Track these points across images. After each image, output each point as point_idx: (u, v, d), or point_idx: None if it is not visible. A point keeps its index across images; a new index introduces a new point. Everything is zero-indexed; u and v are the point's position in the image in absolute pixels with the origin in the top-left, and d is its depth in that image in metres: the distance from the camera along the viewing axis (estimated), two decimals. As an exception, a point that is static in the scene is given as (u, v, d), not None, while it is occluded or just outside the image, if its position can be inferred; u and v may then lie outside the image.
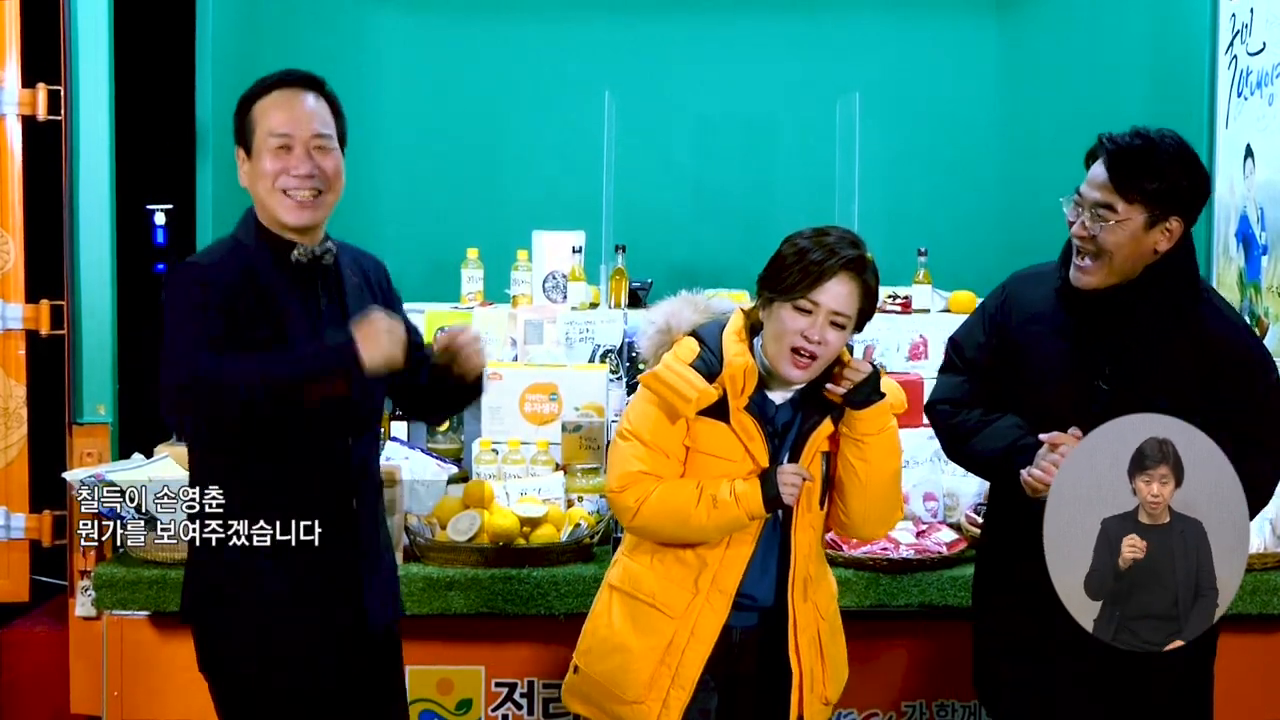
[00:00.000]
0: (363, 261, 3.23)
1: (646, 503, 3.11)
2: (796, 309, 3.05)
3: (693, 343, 3.16)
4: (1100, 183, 3.10)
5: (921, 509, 4.44)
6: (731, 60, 6.46)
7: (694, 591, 3.14)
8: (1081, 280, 3.16)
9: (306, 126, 3.02)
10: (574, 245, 5.24)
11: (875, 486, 3.18)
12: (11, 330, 4.71)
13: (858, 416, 3.12)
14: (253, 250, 3.06)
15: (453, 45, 6.42)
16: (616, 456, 3.19)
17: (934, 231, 5.89)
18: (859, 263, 3.08)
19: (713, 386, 3.09)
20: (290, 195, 3.01)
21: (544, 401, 4.75)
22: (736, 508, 3.06)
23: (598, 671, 3.21)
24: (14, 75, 4.68)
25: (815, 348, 3.05)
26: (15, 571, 4.77)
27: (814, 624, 3.23)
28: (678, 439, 3.13)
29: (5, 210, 4.68)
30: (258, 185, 3.04)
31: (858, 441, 3.14)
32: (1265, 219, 4.83)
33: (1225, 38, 5.15)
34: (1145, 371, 3.15)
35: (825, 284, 3.04)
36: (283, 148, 3.01)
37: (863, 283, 3.08)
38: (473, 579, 4.02)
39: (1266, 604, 4.02)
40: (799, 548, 3.18)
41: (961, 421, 3.34)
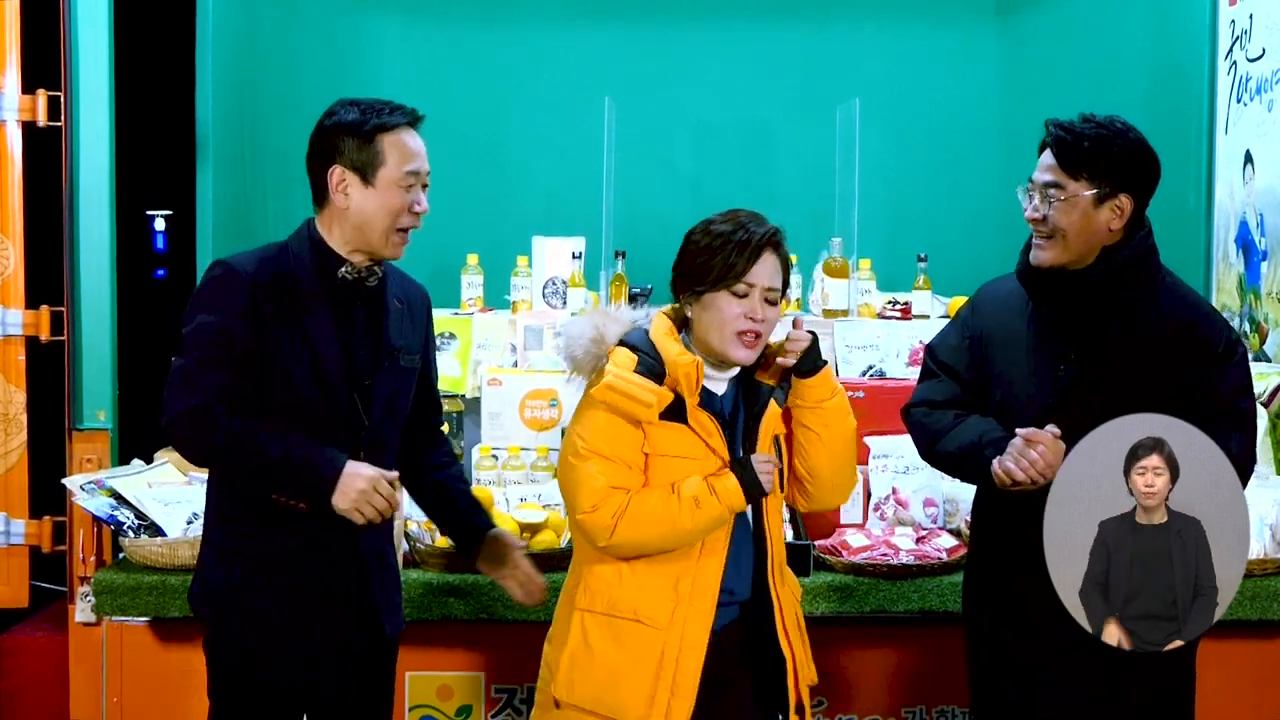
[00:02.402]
0: (409, 289, 3.34)
1: (624, 517, 3.03)
2: (733, 294, 3.10)
3: (627, 351, 3.12)
4: (1048, 165, 3.20)
5: (921, 515, 4.44)
6: (731, 66, 6.46)
7: (676, 598, 3.08)
8: (1038, 257, 3.23)
9: (427, 163, 3.22)
10: (574, 251, 5.24)
11: (839, 449, 3.22)
12: (11, 336, 4.71)
13: (809, 384, 3.16)
14: (299, 258, 3.16)
15: (453, 52, 6.42)
16: (578, 477, 3.09)
17: (934, 237, 5.89)
18: (775, 236, 3.18)
19: (664, 388, 3.07)
20: (403, 230, 3.17)
21: (544, 407, 4.75)
22: (719, 504, 3.04)
23: (587, 700, 3.10)
24: (14, 81, 4.68)
25: (759, 326, 3.11)
26: (15, 577, 4.77)
27: (793, 607, 3.25)
28: (637, 448, 3.09)
29: (5, 216, 4.68)
30: (377, 217, 3.14)
31: (814, 409, 3.18)
32: (1265, 225, 4.83)
33: (1225, 44, 5.16)
34: (1106, 353, 3.20)
35: (754, 264, 3.11)
36: (413, 186, 3.17)
37: (782, 255, 3.18)
38: (473, 585, 4.02)
39: (1266, 610, 4.01)
40: (773, 532, 3.20)
41: (934, 421, 3.37)
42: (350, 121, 3.15)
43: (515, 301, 5.24)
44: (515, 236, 5.46)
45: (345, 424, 3.13)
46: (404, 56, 6.38)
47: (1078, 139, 3.15)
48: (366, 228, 3.14)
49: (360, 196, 3.13)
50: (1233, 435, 3.17)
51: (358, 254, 3.17)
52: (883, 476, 4.51)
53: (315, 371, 3.09)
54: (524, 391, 4.76)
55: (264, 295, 3.08)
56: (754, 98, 6.47)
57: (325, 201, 3.17)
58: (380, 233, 3.14)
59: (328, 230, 3.18)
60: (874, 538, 4.25)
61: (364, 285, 3.19)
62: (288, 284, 3.11)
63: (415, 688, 4.10)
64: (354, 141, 3.13)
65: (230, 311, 3.06)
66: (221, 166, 5.28)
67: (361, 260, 3.18)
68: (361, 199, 3.13)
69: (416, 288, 3.38)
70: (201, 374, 3.04)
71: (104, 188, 4.67)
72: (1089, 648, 3.09)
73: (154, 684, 4.09)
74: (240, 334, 3.05)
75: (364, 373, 3.16)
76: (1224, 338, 3.24)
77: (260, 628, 3.16)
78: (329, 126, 3.17)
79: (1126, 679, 3.22)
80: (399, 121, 3.17)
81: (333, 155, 3.14)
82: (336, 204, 3.15)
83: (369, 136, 3.13)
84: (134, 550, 4.12)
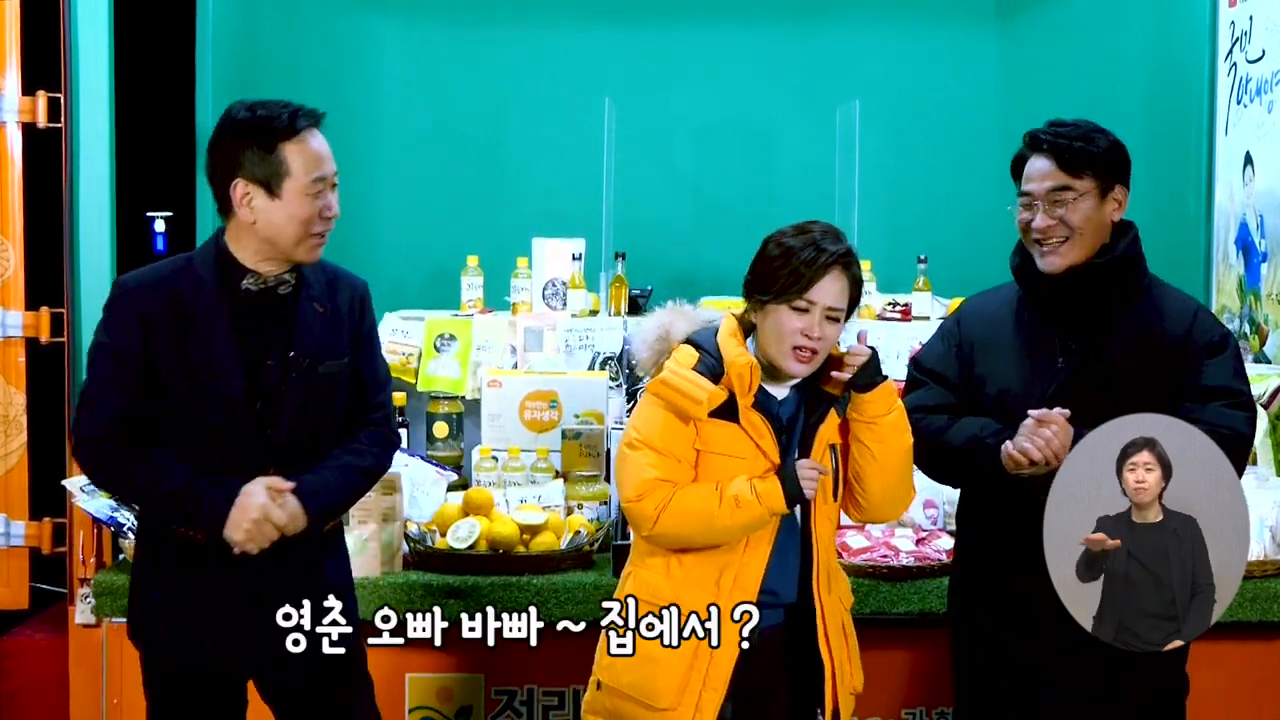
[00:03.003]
0: (336, 289, 3.21)
1: (666, 509, 3.12)
2: (793, 309, 3.12)
3: (690, 349, 3.19)
4: (1047, 171, 3.24)
5: (922, 517, 4.44)
6: (731, 67, 6.46)
7: (716, 592, 3.13)
8: (1055, 263, 3.24)
9: (332, 163, 3.09)
10: (574, 252, 5.24)
11: (892, 466, 3.22)
12: (11, 338, 4.72)
13: (866, 400, 3.16)
14: (201, 272, 3.09)
15: (452, 53, 6.42)
16: (629, 466, 3.18)
17: (934, 239, 5.89)
18: (846, 256, 3.15)
19: (719, 387, 3.12)
20: (316, 234, 3.08)
21: (544, 409, 4.75)
22: (759, 506, 3.08)
23: (624, 684, 3.18)
24: (14, 82, 4.69)
25: (815, 344, 3.12)
26: (15, 579, 4.77)
27: (839, 614, 3.26)
28: (688, 443, 3.16)
29: (5, 217, 4.69)
30: (286, 227, 3.05)
31: (869, 424, 3.18)
32: (1265, 226, 4.83)
33: (1225, 45, 5.15)
34: (1104, 345, 3.24)
35: (819, 283, 3.11)
36: (320, 192, 3.06)
37: (851, 276, 3.16)
38: (472, 586, 4.02)
39: (1266, 611, 4.01)
40: (820, 540, 3.21)
41: (929, 424, 3.36)
42: (248, 132, 3.04)
43: (515, 303, 5.24)
44: (515, 238, 5.46)
45: (251, 440, 3.08)
46: (404, 57, 6.38)
47: (1069, 140, 3.22)
48: (276, 239, 3.06)
49: (266, 209, 3.03)
50: (1236, 413, 3.21)
51: (270, 263, 3.09)
52: (883, 478, 4.51)
53: (213, 390, 3.04)
54: (524, 393, 4.76)
55: (158, 314, 3.04)
56: (754, 98, 6.47)
57: (230, 214, 3.09)
58: (291, 242, 3.06)
59: (235, 241, 3.10)
60: (874, 539, 4.25)
61: (274, 294, 3.11)
62: (184, 301, 3.06)
63: (415, 689, 4.10)
64: (254, 153, 3.03)
65: (123, 332, 3.05)
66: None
67: (272, 269, 3.10)
68: (268, 211, 3.04)
69: (348, 286, 3.25)
70: (102, 396, 3.06)
71: (104, 189, 4.67)
72: (1089, 648, 3.09)
73: (154, 685, 4.09)
74: (132, 355, 3.04)
75: (271, 386, 3.09)
76: (1217, 330, 3.30)
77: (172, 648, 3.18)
78: (226, 138, 3.07)
79: (1126, 679, 3.22)
80: (301, 126, 3.05)
81: (233, 169, 3.04)
82: (242, 217, 3.06)
83: (269, 147, 3.02)
84: (134, 552, 4.11)
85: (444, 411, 4.88)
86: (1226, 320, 4.96)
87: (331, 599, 2.98)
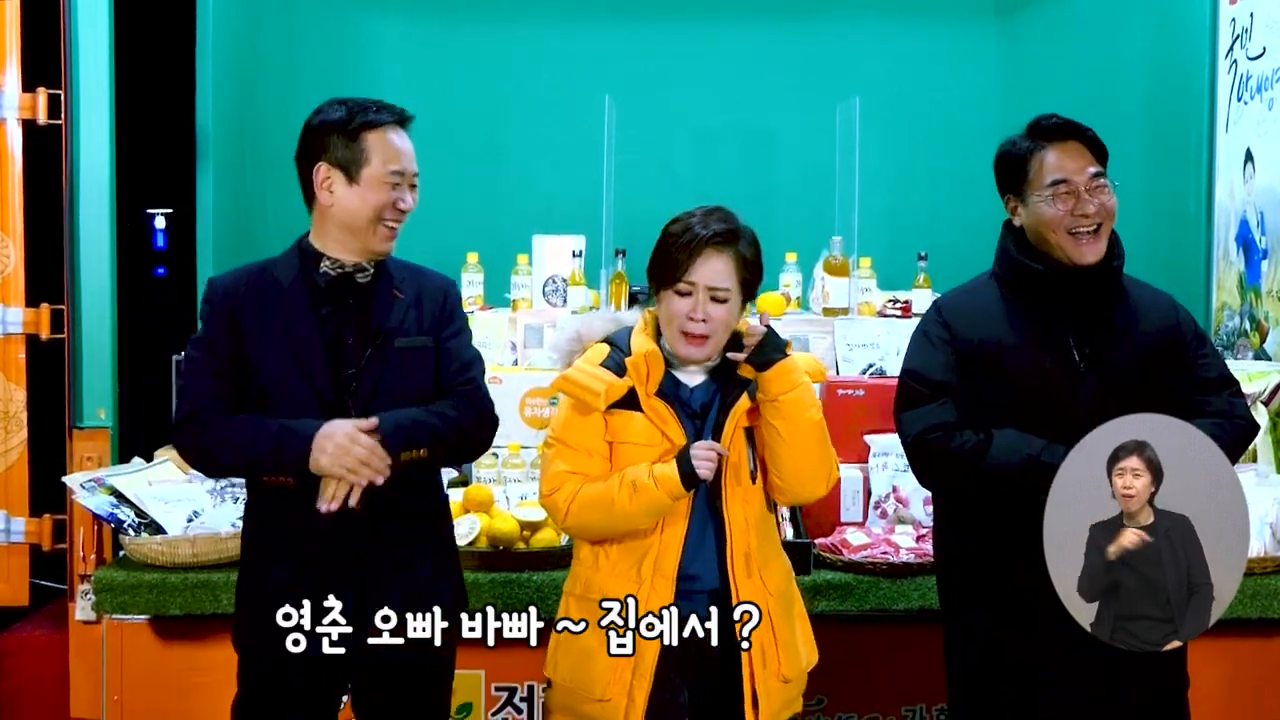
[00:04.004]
0: (420, 283, 3.33)
1: (575, 500, 3.20)
2: (677, 293, 3.21)
3: (603, 346, 3.30)
4: (1082, 159, 3.23)
5: (922, 513, 4.44)
6: (731, 65, 6.46)
7: (638, 581, 3.19)
8: (1099, 250, 3.23)
9: (414, 164, 3.25)
10: (574, 249, 5.24)
11: (800, 443, 3.22)
12: (12, 334, 4.71)
13: (767, 378, 3.18)
14: (284, 265, 3.25)
15: (453, 51, 6.42)
16: (544, 464, 3.30)
17: (934, 236, 5.88)
18: (724, 236, 3.21)
19: (623, 379, 3.20)
20: (388, 225, 3.21)
21: (544, 405, 4.75)
22: (656, 489, 3.12)
23: (566, 678, 3.26)
24: (14, 79, 4.69)
25: (701, 326, 3.18)
26: (15, 575, 4.77)
27: (761, 600, 3.22)
28: (597, 435, 3.23)
29: (6, 214, 4.69)
30: (359, 212, 3.19)
31: (772, 403, 3.19)
32: (1265, 223, 4.83)
33: (1225, 42, 5.16)
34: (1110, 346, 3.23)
35: (695, 263, 3.19)
36: (397, 184, 3.20)
37: (735, 253, 3.21)
38: (473, 583, 4.02)
39: (1266, 608, 4.01)
40: (733, 522, 3.23)
41: (962, 442, 3.25)
42: (336, 119, 3.20)
43: (515, 300, 5.25)
44: (515, 235, 5.46)
45: (333, 412, 3.14)
46: (404, 54, 6.39)
47: (1086, 128, 3.24)
48: (351, 224, 3.19)
49: (344, 193, 3.18)
50: (1241, 401, 3.27)
51: (348, 252, 3.22)
52: (883, 475, 4.51)
53: (297, 366, 3.15)
54: (524, 390, 4.76)
55: (243, 304, 3.20)
56: (754, 96, 6.47)
57: (313, 200, 3.23)
58: (364, 227, 3.19)
59: (316, 230, 3.25)
60: (874, 536, 4.25)
61: (352, 281, 3.22)
62: (268, 289, 3.21)
63: (415, 686, 4.10)
64: (339, 139, 3.18)
65: (213, 323, 3.21)
66: (222, 165, 5.28)
67: (350, 258, 3.22)
68: (345, 195, 3.18)
69: (434, 280, 3.37)
70: (197, 382, 3.20)
71: (104, 186, 4.67)
72: (1089, 647, 3.08)
73: (154, 682, 4.09)
74: (223, 343, 3.18)
75: (350, 361, 3.19)
76: (1192, 319, 3.37)
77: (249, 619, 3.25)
78: (316, 125, 3.22)
79: (1126, 679, 3.22)
80: (385, 120, 3.22)
81: (318, 153, 3.20)
82: (322, 201, 3.21)
83: (354, 134, 3.18)
84: (134, 548, 4.12)
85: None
86: (1227, 317, 4.97)
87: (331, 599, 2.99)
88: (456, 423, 3.22)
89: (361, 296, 3.23)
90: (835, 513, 4.47)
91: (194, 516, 4.13)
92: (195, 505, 4.16)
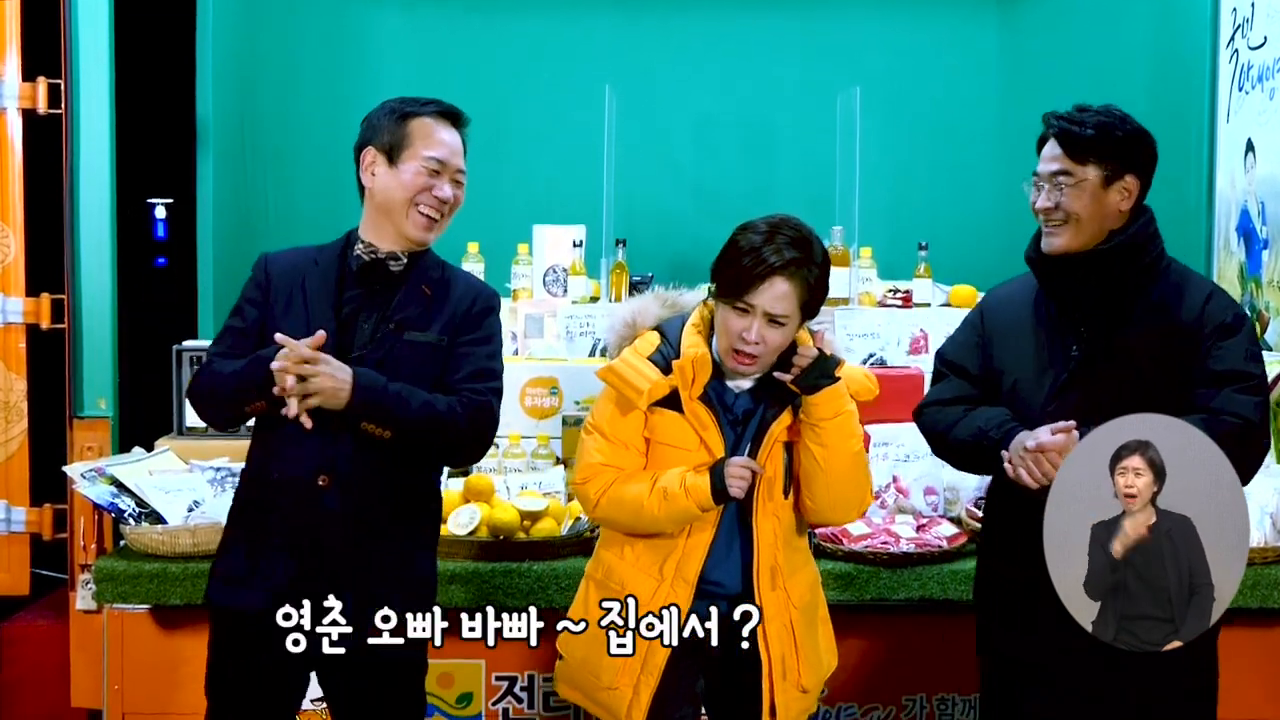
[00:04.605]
0: (457, 283, 3.33)
1: (606, 494, 3.20)
2: (735, 309, 3.12)
3: (654, 336, 3.24)
4: (1053, 156, 3.26)
5: (922, 503, 4.44)
6: (731, 54, 6.46)
7: (659, 579, 3.19)
8: (1051, 244, 3.26)
9: (458, 159, 3.28)
10: (574, 239, 5.24)
11: (836, 471, 3.19)
12: (12, 324, 4.71)
13: (811, 401, 3.15)
14: (329, 248, 3.32)
15: (453, 40, 6.42)
16: (581, 450, 3.29)
17: (935, 225, 5.89)
18: (797, 263, 3.09)
19: (669, 378, 3.15)
20: (423, 212, 3.23)
21: (544, 395, 4.75)
22: (686, 499, 3.11)
23: (577, 659, 3.29)
24: (14, 69, 4.68)
25: (755, 348, 3.11)
26: (16, 565, 4.78)
27: (784, 612, 3.23)
28: (636, 431, 3.22)
29: (6, 204, 4.68)
30: (394, 194, 3.23)
31: (813, 427, 3.16)
32: (1266, 213, 4.83)
33: (1226, 32, 5.15)
34: (1117, 330, 3.24)
35: (759, 287, 3.08)
36: (436, 172, 3.23)
37: (802, 280, 3.10)
38: (473, 572, 4.03)
39: (1267, 598, 4.02)
40: (761, 536, 3.21)
41: (944, 417, 3.39)
42: (389, 107, 3.27)
43: (516, 289, 5.24)
44: (516, 225, 5.45)
45: None
46: (404, 44, 6.38)
47: (1081, 126, 3.21)
48: (387, 205, 3.24)
49: (384, 176, 3.24)
50: (1247, 398, 3.19)
51: (386, 239, 3.26)
52: (883, 464, 4.51)
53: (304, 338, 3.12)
54: (524, 379, 4.77)
55: (279, 278, 3.27)
56: (754, 85, 6.47)
57: (361, 186, 3.30)
58: (398, 209, 3.23)
59: (365, 216, 3.31)
60: (874, 526, 4.25)
61: (384, 268, 3.25)
62: (303, 269, 3.27)
63: (416, 675, 4.10)
64: (388, 123, 3.25)
65: (246, 294, 3.31)
66: (222, 154, 5.28)
67: (387, 245, 3.25)
68: (385, 178, 3.24)
69: (472, 287, 3.35)
70: (218, 342, 3.31)
71: (104, 176, 4.67)
72: (1089, 646, 3.09)
73: (155, 671, 4.10)
74: (249, 313, 3.27)
75: (359, 345, 3.21)
76: (1231, 311, 3.27)
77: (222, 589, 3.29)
78: (371, 114, 3.29)
79: (1124, 678, 3.22)
80: (432, 110, 3.27)
81: (369, 138, 3.27)
82: (365, 184, 3.28)
83: (401, 119, 3.24)
84: (135, 538, 4.12)
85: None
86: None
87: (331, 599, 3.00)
88: (444, 415, 3.18)
89: (390, 284, 3.26)
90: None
91: (194, 506, 4.13)
92: (196, 495, 4.16)
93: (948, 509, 4.48)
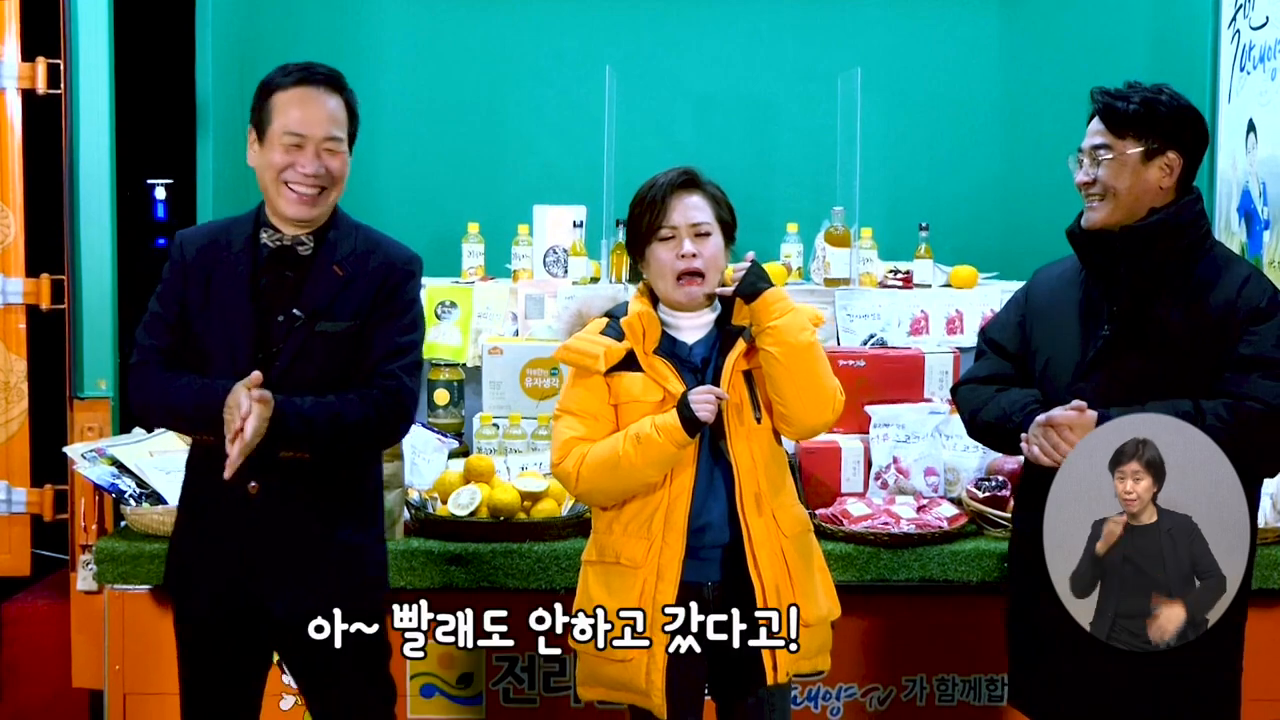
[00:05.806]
0: (372, 255, 3.27)
1: (584, 463, 3.25)
2: (661, 241, 3.29)
3: (603, 320, 3.35)
4: (1096, 130, 3.29)
5: (923, 484, 4.44)
6: (732, 35, 6.43)
7: (649, 538, 3.24)
8: (1090, 218, 3.30)
9: (321, 128, 3.17)
10: (575, 220, 5.23)
11: (797, 366, 3.24)
12: (12, 305, 4.71)
13: (756, 309, 3.24)
14: (241, 226, 3.26)
15: (454, 20, 6.38)
16: (554, 434, 3.36)
17: (935, 206, 5.87)
18: (689, 179, 3.34)
19: (622, 344, 3.27)
20: (293, 189, 3.17)
21: (545, 376, 4.75)
22: (660, 439, 3.17)
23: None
24: (13, 49, 4.67)
25: (695, 261, 3.27)
26: (16, 546, 4.78)
27: (774, 538, 3.27)
28: (602, 400, 3.30)
29: (5, 184, 4.68)
30: (264, 173, 3.19)
31: (766, 332, 3.24)
32: (1267, 194, 4.82)
33: (1228, 12, 5.13)
34: (1148, 310, 3.24)
35: (669, 207, 3.30)
36: (295, 146, 3.16)
37: (705, 193, 3.34)
38: (474, 554, 4.03)
39: (1266, 579, 4.02)
40: (740, 462, 3.26)
41: (977, 396, 3.45)
42: (263, 83, 3.24)
43: (516, 270, 5.24)
44: (516, 205, 5.45)
45: None
46: (404, 26, 6.34)
47: (1124, 102, 3.24)
48: (263, 186, 3.22)
49: (255, 155, 3.23)
50: (1275, 385, 3.16)
51: (285, 222, 3.22)
52: (884, 445, 4.51)
53: (224, 336, 3.17)
54: (525, 360, 4.76)
55: (194, 263, 3.23)
56: (755, 66, 6.44)
57: None
58: (271, 190, 3.20)
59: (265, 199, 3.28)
60: (875, 507, 4.25)
61: (293, 253, 3.22)
62: (218, 252, 3.23)
63: (416, 656, 4.10)
64: (256, 100, 3.23)
65: (168, 277, 3.27)
66: (222, 135, 5.27)
67: (289, 229, 3.22)
68: (255, 158, 3.22)
69: (386, 256, 3.29)
70: (143, 335, 3.26)
71: (104, 156, 4.67)
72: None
73: (155, 652, 4.09)
74: (172, 298, 3.24)
75: (274, 339, 3.17)
76: (1266, 296, 3.25)
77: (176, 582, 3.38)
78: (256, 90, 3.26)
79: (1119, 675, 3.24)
80: (293, 79, 3.20)
81: (251, 116, 3.25)
82: (250, 163, 3.25)
83: (264, 95, 3.21)
84: (135, 518, 4.12)
85: (445, 379, 4.88)
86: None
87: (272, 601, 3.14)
88: (361, 421, 3.16)
89: (300, 271, 3.21)
90: (836, 483, 4.47)
91: (195, 487, 4.13)
92: (196, 475, 4.17)
93: (948, 490, 4.48)
